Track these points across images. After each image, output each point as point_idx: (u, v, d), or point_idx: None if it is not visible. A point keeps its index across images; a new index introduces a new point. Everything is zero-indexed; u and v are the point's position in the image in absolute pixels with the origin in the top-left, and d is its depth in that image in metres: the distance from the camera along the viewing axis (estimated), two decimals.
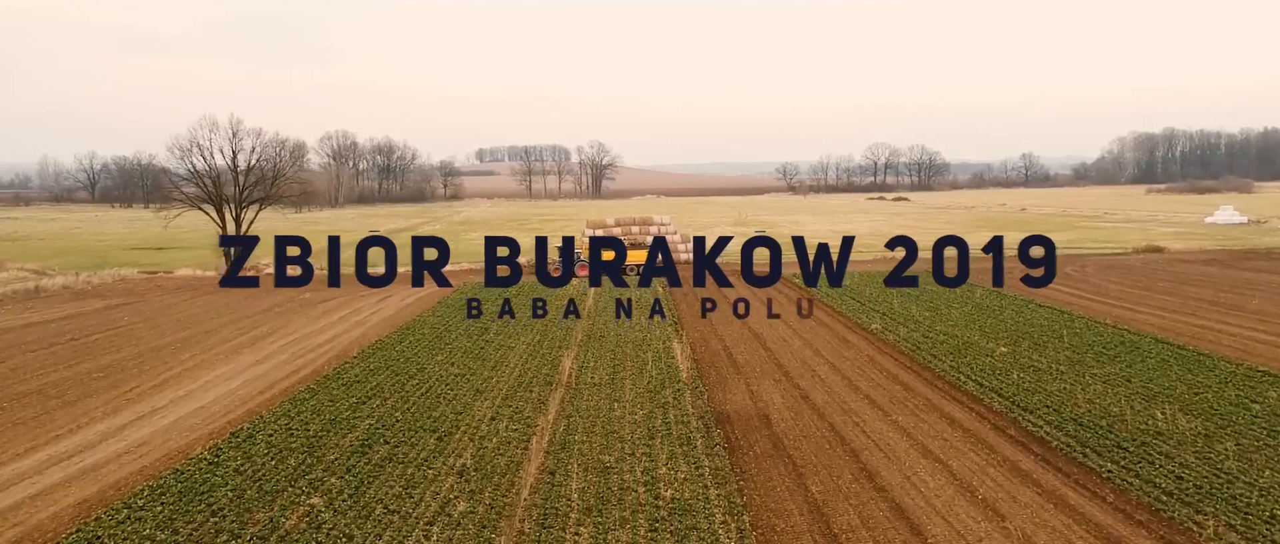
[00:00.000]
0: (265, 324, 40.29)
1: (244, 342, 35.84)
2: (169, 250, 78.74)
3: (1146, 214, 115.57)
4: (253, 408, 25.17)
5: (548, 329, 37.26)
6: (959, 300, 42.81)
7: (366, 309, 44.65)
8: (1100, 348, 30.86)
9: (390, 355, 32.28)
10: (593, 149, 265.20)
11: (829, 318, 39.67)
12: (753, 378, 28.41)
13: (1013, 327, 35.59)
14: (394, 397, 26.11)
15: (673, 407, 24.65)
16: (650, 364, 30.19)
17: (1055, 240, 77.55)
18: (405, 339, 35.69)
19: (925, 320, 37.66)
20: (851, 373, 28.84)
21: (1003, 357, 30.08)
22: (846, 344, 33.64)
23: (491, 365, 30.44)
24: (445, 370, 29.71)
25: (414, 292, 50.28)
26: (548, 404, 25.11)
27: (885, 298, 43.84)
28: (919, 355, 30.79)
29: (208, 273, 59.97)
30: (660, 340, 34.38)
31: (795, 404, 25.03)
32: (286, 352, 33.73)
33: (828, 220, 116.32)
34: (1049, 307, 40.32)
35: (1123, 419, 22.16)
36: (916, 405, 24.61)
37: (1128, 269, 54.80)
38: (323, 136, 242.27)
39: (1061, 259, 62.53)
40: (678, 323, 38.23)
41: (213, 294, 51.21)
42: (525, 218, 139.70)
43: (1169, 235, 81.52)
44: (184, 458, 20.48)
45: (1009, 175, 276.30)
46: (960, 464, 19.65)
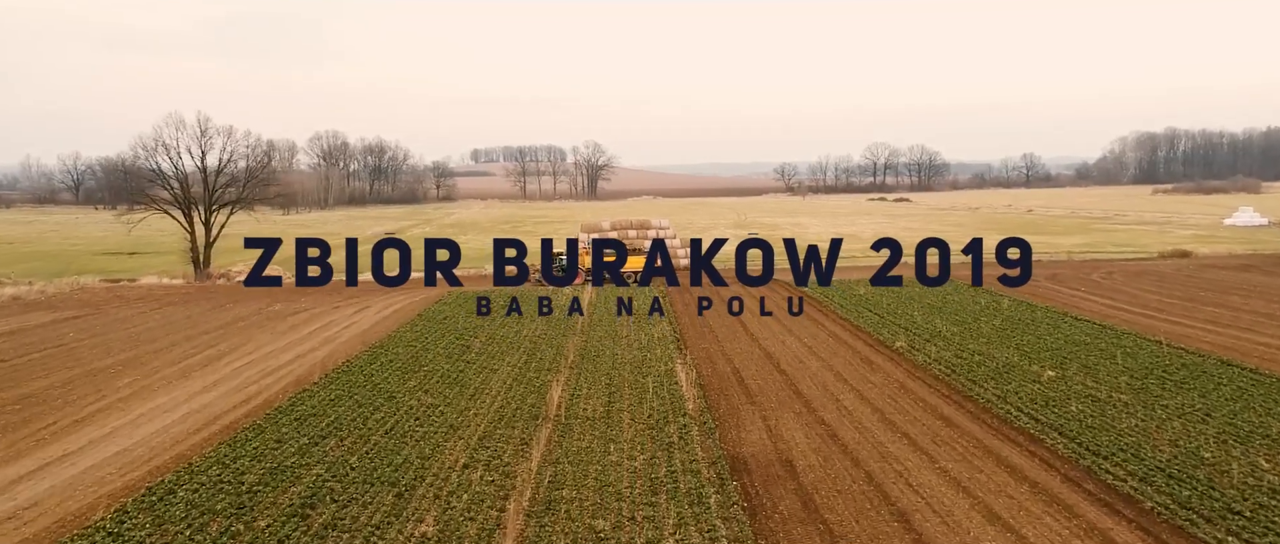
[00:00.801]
0: (225, 341, 36.47)
1: (196, 363, 32.01)
2: (142, 255, 74.84)
3: (1160, 215, 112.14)
4: (183, 451, 21.36)
5: (537, 347, 33.54)
6: (986, 312, 39.16)
7: (340, 322, 40.85)
8: (1161, 372, 27.18)
9: (357, 380, 28.50)
10: (588, 149, 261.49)
11: (848, 334, 35.95)
12: (769, 409, 24.69)
13: (1053, 345, 31.92)
14: (353, 435, 22.34)
15: (678, 448, 20.93)
16: (651, 391, 26.46)
17: (1070, 244, 74.79)
18: (377, 359, 31.94)
19: (953, 336, 34.00)
20: (881, 402, 25.14)
21: (1052, 382, 26.41)
22: (870, 365, 29.94)
23: (470, 393, 26.68)
24: (417, 399, 25.95)
25: (394, 301, 46.51)
26: (532, 446, 21.37)
27: (905, 309, 40.18)
28: (955, 381, 27.09)
29: (175, 281, 56.10)
30: (661, 360, 30.67)
31: (822, 445, 21.31)
32: (241, 376, 29.91)
33: (830, 222, 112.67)
34: (1087, 320, 36.67)
35: (1223, 470, 18.47)
36: (966, 448, 20.91)
37: (1159, 276, 51.19)
38: (312, 136, 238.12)
39: (1083, 265, 59.11)
40: (681, 340, 34.51)
41: (175, 305, 47.36)
42: (519, 220, 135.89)
43: (1189, 238, 78.01)
44: (78, 526, 16.67)
45: (1010, 176, 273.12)
46: (1037, 534, 15.92)
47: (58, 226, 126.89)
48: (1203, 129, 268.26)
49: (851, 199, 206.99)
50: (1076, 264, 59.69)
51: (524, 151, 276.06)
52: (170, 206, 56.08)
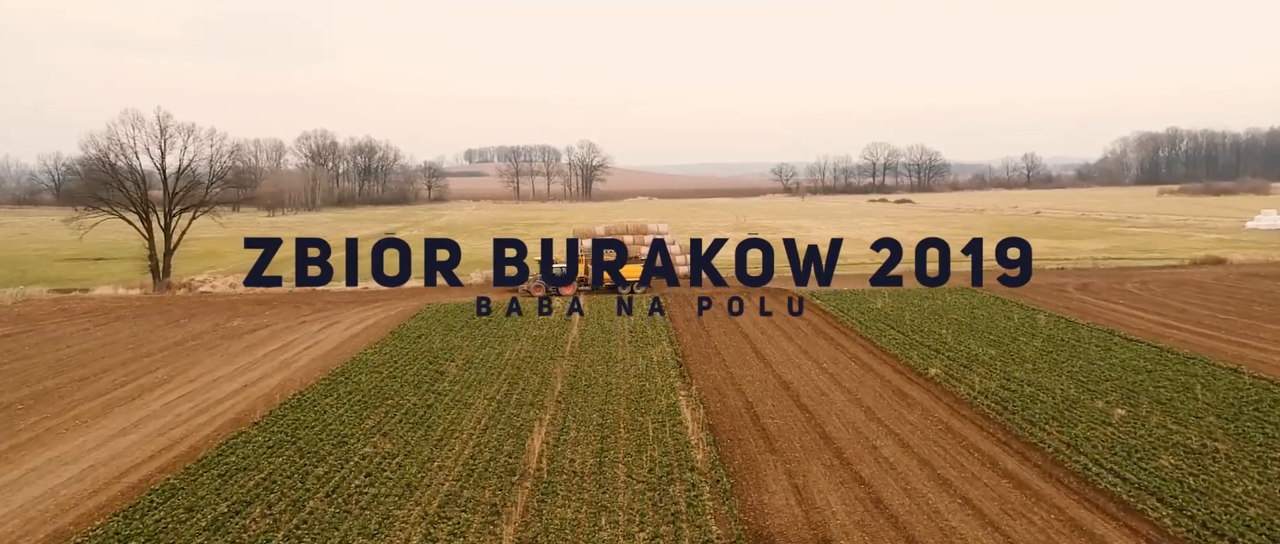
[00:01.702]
0: (166, 365, 32.18)
1: (123, 396, 27.70)
2: (109, 261, 70.32)
3: (1174, 218, 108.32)
4: (63, 527, 17.09)
5: (521, 374, 29.35)
6: (1023, 331, 35.07)
7: (302, 341, 36.57)
8: (1254, 411, 23.08)
9: (306, 418, 24.26)
10: (583, 150, 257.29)
11: (872, 357, 31.80)
12: (794, 460, 20.53)
13: (1110, 373, 27.80)
14: (286, 500, 18.13)
15: (687, 520, 16.79)
16: (651, 434, 22.29)
17: (1089, 249, 70.76)
18: (336, 389, 27.72)
19: (993, 361, 29.88)
20: (927, 451, 20.99)
21: (1125, 424, 22.29)
22: (904, 399, 25.79)
23: (437, 437, 22.47)
24: (373, 446, 21.73)
25: (368, 314, 42.28)
26: (505, 514, 17.18)
27: (930, 326, 36.08)
28: (1010, 421, 22.94)
29: (132, 292, 51.71)
30: (662, 390, 26.51)
31: (867, 518, 17.13)
32: (171, 412, 25.62)
33: (833, 224, 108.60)
34: (1140, 341, 32.56)
35: None
36: (1045, 519, 16.76)
37: (1201, 287, 47.16)
38: (300, 136, 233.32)
39: (1112, 273, 55.07)
40: (683, 363, 30.33)
41: (125, 320, 43.01)
42: (510, 221, 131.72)
43: (1214, 242, 74.12)
44: None
45: (1010, 176, 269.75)
46: None
47: (28, 230, 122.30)
48: (1205, 129, 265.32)
49: (851, 200, 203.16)
50: (1105, 272, 55.66)
51: (518, 152, 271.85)
52: (125, 210, 51.61)
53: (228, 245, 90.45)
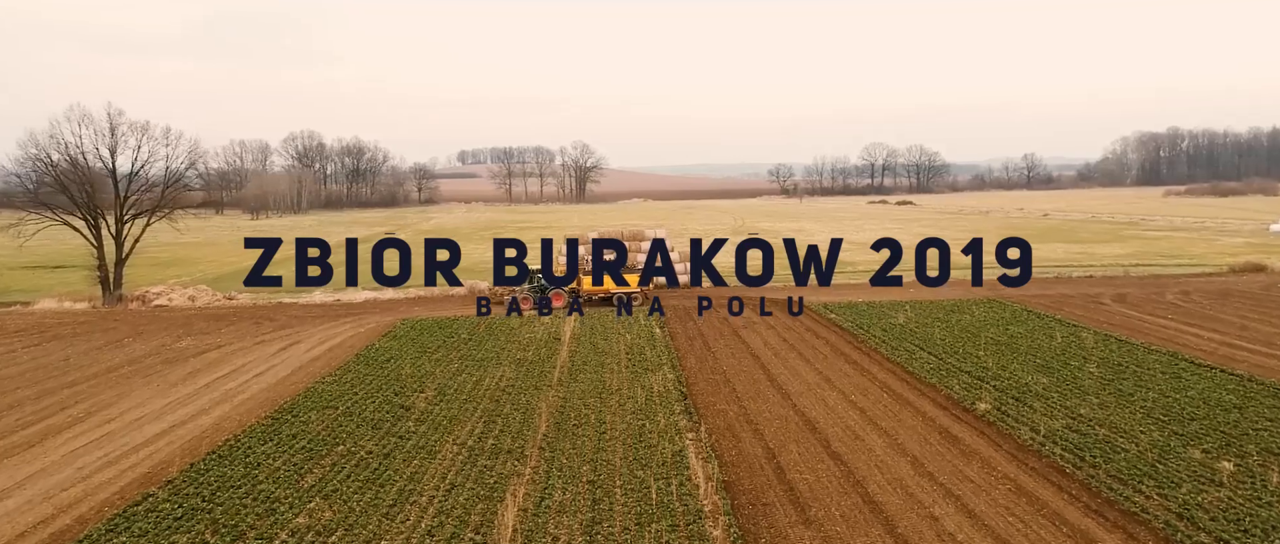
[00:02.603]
0: (90, 398, 27.77)
1: (22, 441, 23.26)
2: (68, 269, 65.60)
3: (1189, 220, 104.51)
4: None
5: (500, 407, 25.07)
6: (1071, 353, 30.88)
7: (253, 366, 32.18)
8: None
9: (233, 475, 19.90)
10: (577, 150, 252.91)
11: (906, 387, 27.53)
12: (835, 535, 16.28)
13: (1191, 409, 23.60)
14: None
15: None
16: (655, 496, 18.05)
17: (1111, 254, 66.79)
18: (279, 431, 23.39)
19: (1049, 393, 25.68)
20: (1000, 523, 16.76)
21: (1238, 481, 18.10)
22: (955, 446, 21.53)
23: (390, 502, 18.15)
24: (308, 517, 17.41)
25: (336, 332, 37.93)
26: None
27: (961, 345, 31.88)
28: (1092, 479, 18.70)
29: (78, 305, 47.17)
30: (666, 432, 22.27)
31: None
32: (72, 465, 21.20)
33: (834, 227, 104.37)
34: (1210, 367, 28.36)
35: None
36: None
37: (1252, 299, 43.07)
38: (287, 137, 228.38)
39: (1146, 281, 50.99)
40: (688, 394, 26.05)
41: (62, 339, 38.54)
42: (502, 224, 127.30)
43: (1242, 246, 70.25)
44: None
45: (1010, 177, 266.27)
46: None
47: None
48: (1206, 129, 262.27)
49: (851, 202, 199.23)
50: (1139, 281, 51.56)
51: (511, 153, 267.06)
52: (70, 216, 47.07)
53: (197, 251, 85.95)
